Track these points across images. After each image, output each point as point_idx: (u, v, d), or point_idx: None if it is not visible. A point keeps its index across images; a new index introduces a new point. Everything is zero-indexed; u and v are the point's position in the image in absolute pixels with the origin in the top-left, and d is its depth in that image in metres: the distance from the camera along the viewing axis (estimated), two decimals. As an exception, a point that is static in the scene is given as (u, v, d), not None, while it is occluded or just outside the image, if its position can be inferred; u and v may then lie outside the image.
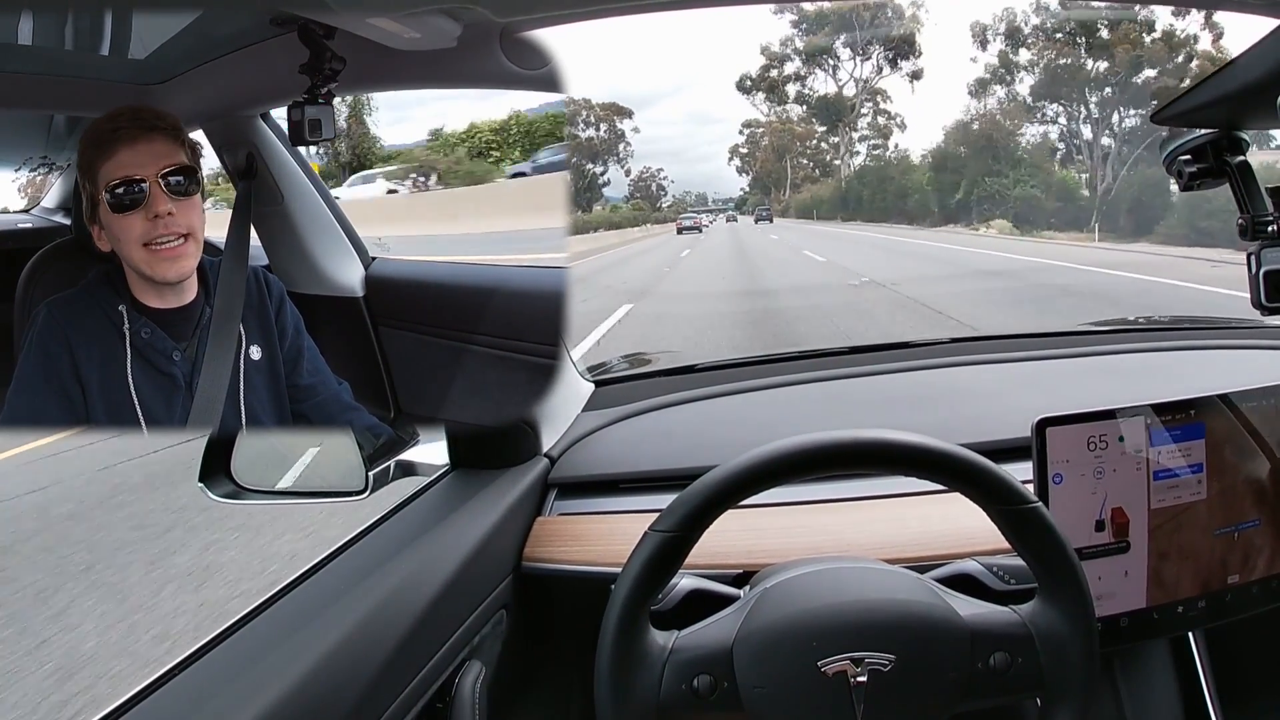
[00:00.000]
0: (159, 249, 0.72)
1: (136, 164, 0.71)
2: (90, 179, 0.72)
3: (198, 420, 0.75)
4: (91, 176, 0.72)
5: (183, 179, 0.72)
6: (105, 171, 0.71)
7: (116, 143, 0.71)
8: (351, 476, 0.90)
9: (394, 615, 0.76)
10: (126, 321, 0.74)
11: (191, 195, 0.73)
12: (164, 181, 0.71)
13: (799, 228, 27.46)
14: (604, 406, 1.25)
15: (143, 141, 0.71)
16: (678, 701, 0.71)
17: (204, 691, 0.64)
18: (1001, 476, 0.72)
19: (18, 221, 0.95)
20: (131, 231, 0.72)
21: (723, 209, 34.87)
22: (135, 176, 0.71)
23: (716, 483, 0.72)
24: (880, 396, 1.29)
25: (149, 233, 0.72)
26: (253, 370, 0.78)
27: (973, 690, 0.72)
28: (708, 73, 39.10)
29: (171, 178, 0.72)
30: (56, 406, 0.72)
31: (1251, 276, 0.91)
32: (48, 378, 0.72)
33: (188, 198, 0.73)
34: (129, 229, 0.71)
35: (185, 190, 0.72)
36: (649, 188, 35.31)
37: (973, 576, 0.85)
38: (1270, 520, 0.91)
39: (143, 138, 0.71)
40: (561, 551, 0.99)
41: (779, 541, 0.94)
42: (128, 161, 0.71)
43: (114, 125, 0.72)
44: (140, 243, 0.72)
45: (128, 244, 0.72)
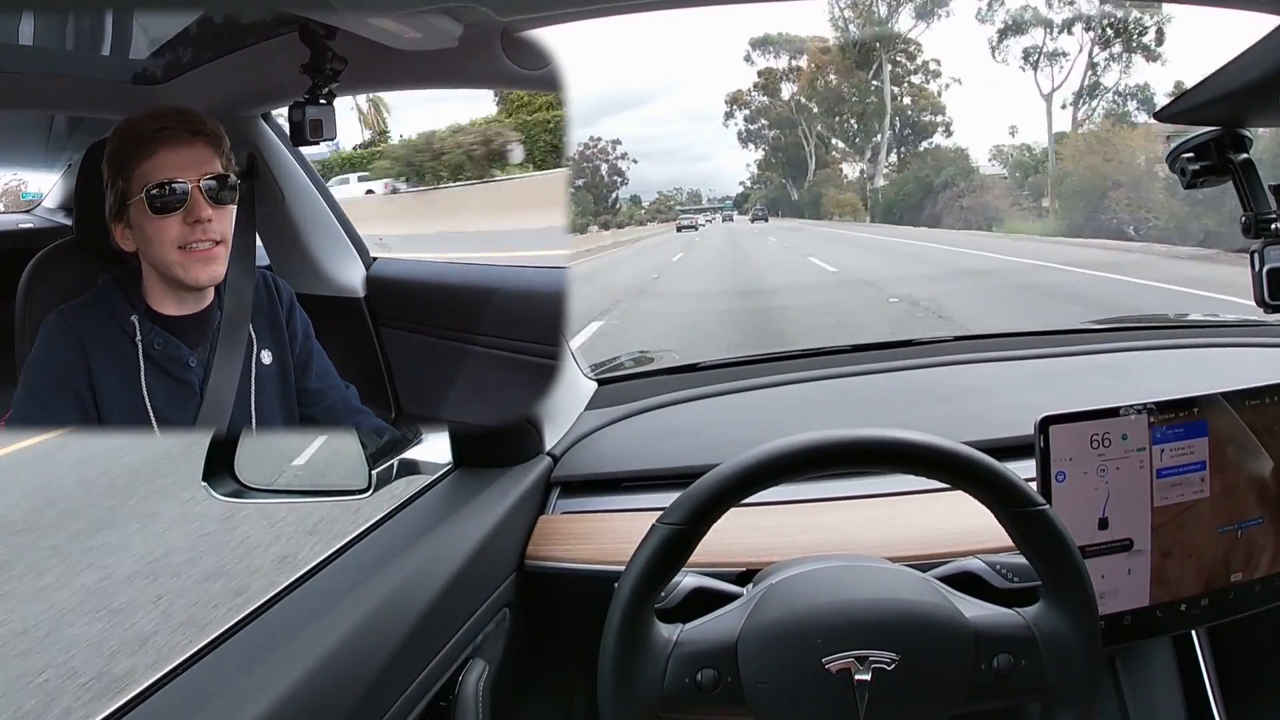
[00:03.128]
0: (194, 251, 0.71)
1: (179, 166, 0.70)
2: (124, 176, 0.71)
3: (207, 423, 0.75)
4: (125, 174, 0.71)
5: (221, 187, 0.72)
6: (145, 170, 0.70)
7: (159, 143, 0.70)
8: (355, 475, 0.90)
9: (397, 614, 0.76)
10: (139, 332, 0.74)
11: (228, 204, 0.73)
12: (205, 188, 0.71)
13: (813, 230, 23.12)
14: (606, 405, 1.25)
15: (186, 145, 0.71)
16: (681, 695, 0.71)
17: (207, 691, 0.64)
18: (1009, 478, 0.72)
19: (18, 221, 0.95)
20: (167, 234, 0.71)
21: (719, 208, 32.52)
22: (178, 179, 0.70)
23: (724, 478, 0.72)
24: (883, 395, 1.29)
25: (185, 237, 0.71)
26: (263, 375, 0.78)
27: (976, 692, 0.72)
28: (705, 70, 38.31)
29: (212, 184, 0.71)
30: (67, 413, 0.71)
31: (1255, 274, 0.91)
32: (60, 385, 0.71)
33: (224, 206, 0.72)
34: (165, 231, 0.71)
35: (222, 198, 0.72)
36: (596, 170, 29.63)
37: (976, 575, 0.85)
38: (1273, 518, 0.91)
39: (187, 141, 0.71)
40: (564, 550, 0.99)
41: (783, 540, 0.94)
42: (171, 163, 0.70)
43: (159, 125, 0.71)
44: (175, 245, 0.71)
45: (161, 245, 0.71)
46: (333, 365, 0.85)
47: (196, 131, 0.71)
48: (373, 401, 0.90)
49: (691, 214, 31.02)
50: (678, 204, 32.42)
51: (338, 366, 0.86)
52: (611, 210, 30.37)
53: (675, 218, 30.48)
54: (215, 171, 0.71)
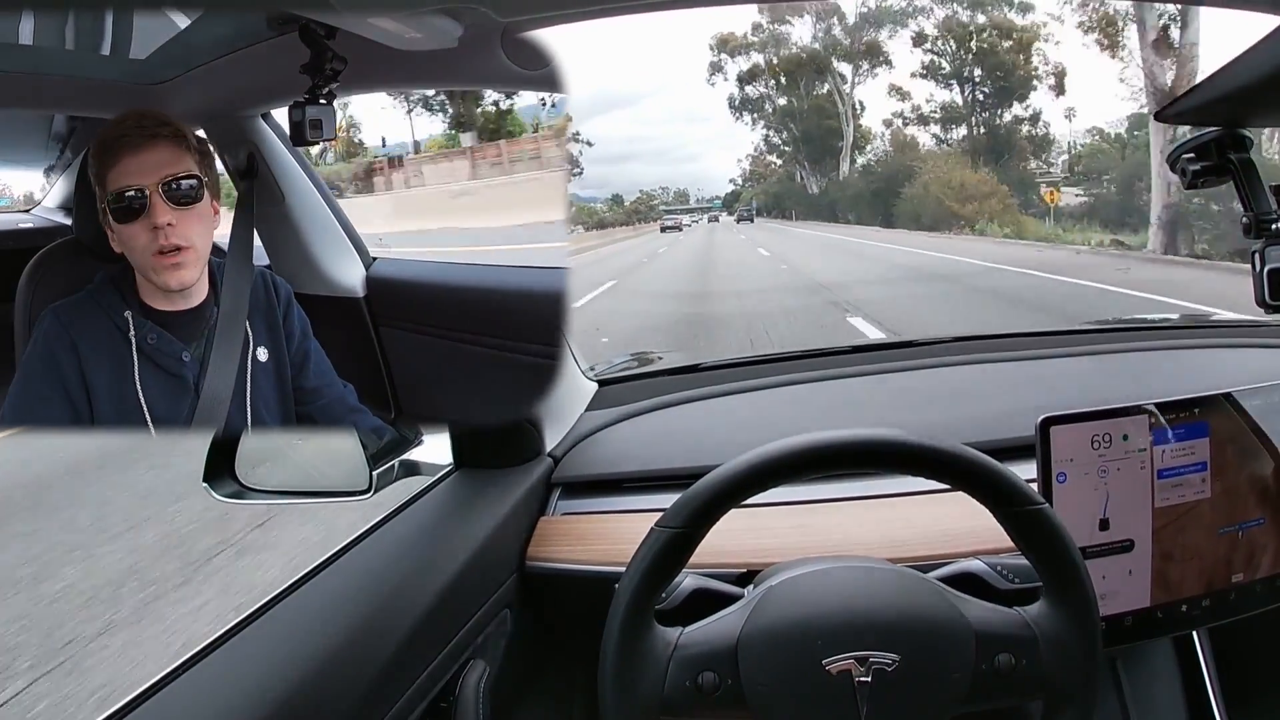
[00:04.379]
0: (161, 258, 0.72)
1: (138, 172, 0.70)
2: (100, 183, 0.71)
3: (203, 421, 0.75)
4: (100, 181, 0.71)
5: (185, 186, 0.71)
6: (110, 179, 0.71)
7: (121, 150, 0.70)
8: (356, 476, 0.89)
9: (398, 614, 0.76)
10: (132, 327, 0.74)
11: (195, 203, 0.72)
12: (165, 190, 0.70)
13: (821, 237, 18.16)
14: (607, 406, 1.25)
15: (146, 149, 0.71)
16: (682, 698, 0.71)
17: (209, 691, 0.64)
18: (1008, 478, 0.72)
19: (18, 221, 0.95)
20: (136, 240, 0.71)
21: (706, 208, 29.18)
22: (135, 185, 0.70)
23: (722, 480, 0.72)
24: (884, 396, 1.29)
25: (153, 242, 0.71)
26: (259, 372, 0.78)
27: (977, 691, 0.71)
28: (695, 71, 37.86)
29: (174, 187, 0.71)
30: (60, 410, 0.71)
31: (1255, 274, 0.91)
32: (52, 382, 0.71)
33: (190, 206, 0.72)
34: (134, 237, 0.71)
35: (188, 198, 0.71)
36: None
37: (977, 576, 0.85)
38: (1274, 519, 0.91)
39: (146, 145, 0.71)
40: (565, 551, 0.99)
41: (783, 541, 0.94)
42: (130, 170, 0.70)
43: (119, 132, 0.71)
44: (147, 251, 0.71)
45: (134, 251, 0.72)
46: (331, 364, 0.85)
47: (154, 134, 0.71)
48: (372, 402, 0.90)
49: (676, 214, 28.76)
50: (663, 204, 29.54)
51: (337, 366, 0.86)
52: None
53: (659, 218, 28.08)
54: (177, 172, 0.71)
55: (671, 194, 29.64)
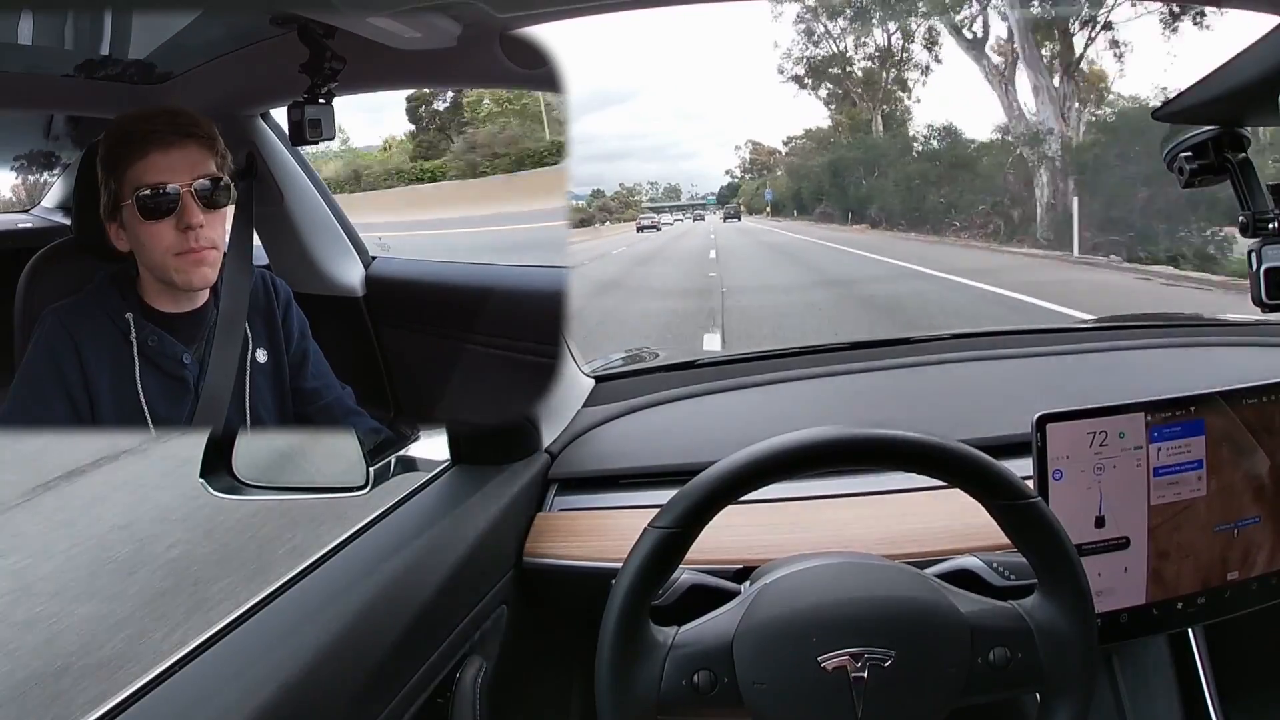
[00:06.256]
0: (186, 255, 0.70)
1: (170, 170, 0.69)
2: (115, 176, 0.69)
3: (202, 421, 0.75)
4: (117, 174, 0.69)
5: (215, 190, 0.70)
6: (135, 172, 0.69)
7: (149, 144, 0.68)
8: (352, 472, 0.90)
9: (395, 611, 0.76)
10: (134, 330, 0.73)
11: (221, 207, 0.71)
12: (197, 191, 0.69)
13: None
14: (605, 402, 1.25)
15: (178, 147, 0.69)
16: (678, 697, 0.71)
17: (205, 687, 0.64)
18: (1001, 472, 0.72)
19: (18, 221, 0.95)
20: (160, 239, 0.70)
21: (699, 204, 26.77)
22: (168, 183, 0.69)
23: (716, 479, 0.72)
24: (880, 392, 1.29)
25: (178, 243, 0.70)
26: (258, 373, 0.78)
27: (972, 685, 0.72)
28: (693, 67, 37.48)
29: (205, 187, 0.70)
30: (61, 412, 0.71)
31: (1252, 273, 0.91)
32: (55, 383, 0.71)
33: (218, 209, 0.71)
34: (157, 236, 0.69)
35: (216, 201, 0.71)
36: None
37: (973, 572, 0.85)
38: (1270, 517, 0.91)
39: (178, 143, 0.69)
40: (562, 547, 0.99)
41: (779, 537, 0.94)
42: (161, 166, 0.69)
43: (150, 125, 0.69)
44: (170, 251, 0.70)
45: (154, 251, 0.70)
46: (330, 366, 0.85)
47: (188, 133, 0.70)
48: (372, 400, 0.90)
49: (655, 213, 25.50)
50: (650, 200, 27.01)
51: (337, 366, 0.86)
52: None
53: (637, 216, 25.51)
54: (208, 174, 0.70)
55: (661, 189, 27.56)
